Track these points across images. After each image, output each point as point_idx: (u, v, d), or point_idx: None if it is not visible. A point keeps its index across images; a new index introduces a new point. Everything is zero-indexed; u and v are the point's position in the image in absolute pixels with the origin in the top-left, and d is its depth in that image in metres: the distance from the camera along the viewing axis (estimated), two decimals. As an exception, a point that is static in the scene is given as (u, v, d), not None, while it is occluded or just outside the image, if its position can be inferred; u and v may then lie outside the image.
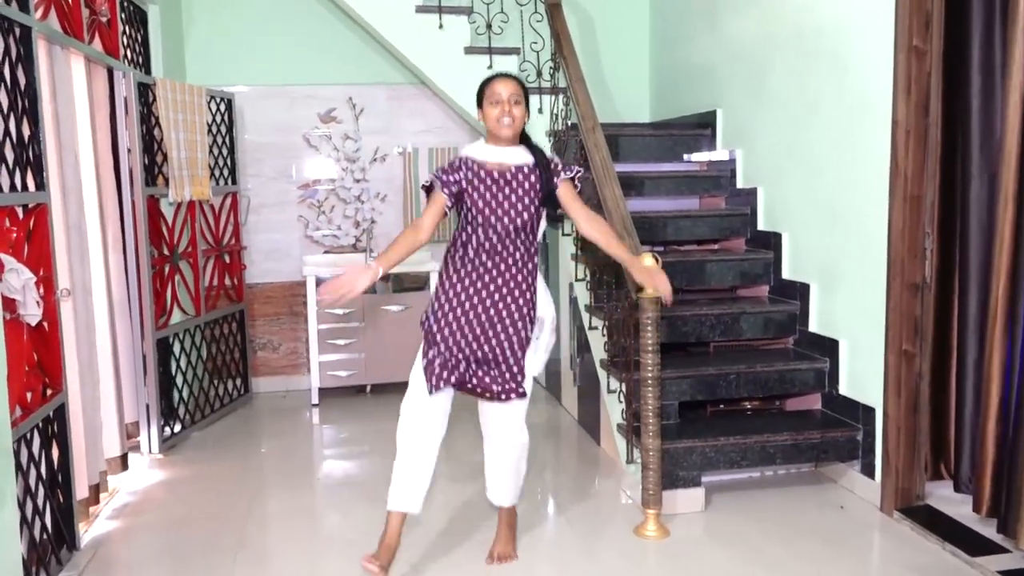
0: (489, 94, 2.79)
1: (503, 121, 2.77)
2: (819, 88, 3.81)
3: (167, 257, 4.42)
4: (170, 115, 4.37)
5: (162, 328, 4.35)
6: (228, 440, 4.61)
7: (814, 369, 3.81)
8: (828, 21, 3.71)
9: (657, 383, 3.24)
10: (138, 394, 4.22)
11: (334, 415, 5.08)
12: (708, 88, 4.91)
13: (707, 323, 4.01)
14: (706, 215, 4.48)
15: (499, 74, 2.87)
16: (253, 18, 5.32)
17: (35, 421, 2.83)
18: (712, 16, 4.81)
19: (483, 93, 2.83)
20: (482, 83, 2.85)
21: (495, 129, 2.80)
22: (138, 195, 4.11)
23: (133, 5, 4.47)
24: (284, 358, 5.56)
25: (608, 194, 3.68)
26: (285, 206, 5.50)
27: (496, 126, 2.79)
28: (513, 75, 2.86)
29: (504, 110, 2.76)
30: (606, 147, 3.88)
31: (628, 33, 5.69)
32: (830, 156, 3.74)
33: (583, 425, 4.58)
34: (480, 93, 2.85)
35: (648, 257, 3.10)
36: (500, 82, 2.80)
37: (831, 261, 3.76)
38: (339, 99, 5.49)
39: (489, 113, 2.79)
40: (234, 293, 5.15)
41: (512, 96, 2.78)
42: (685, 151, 4.97)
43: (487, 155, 2.84)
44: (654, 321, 3.22)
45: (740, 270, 4.26)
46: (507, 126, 2.78)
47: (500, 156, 2.83)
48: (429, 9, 4.68)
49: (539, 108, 4.80)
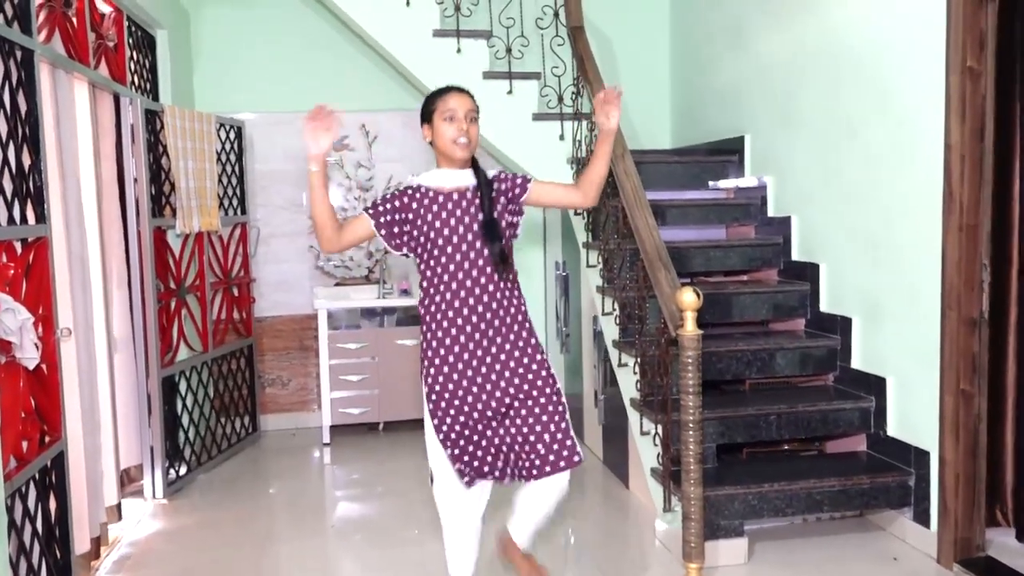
0: (441, 109, 2.45)
1: (459, 141, 2.44)
2: (857, 111, 3.64)
3: (174, 291, 4.23)
4: (178, 143, 4.20)
5: (168, 365, 4.15)
6: (235, 482, 4.39)
7: (859, 408, 3.59)
8: (867, 41, 3.54)
9: (699, 427, 3.01)
10: (142, 436, 4.00)
11: (345, 454, 4.86)
12: (734, 112, 4.73)
13: (742, 359, 3.79)
14: (736, 245, 4.28)
15: (451, 87, 2.51)
16: (263, 43, 5.17)
17: (32, 472, 2.62)
18: (737, 38, 4.65)
19: (433, 108, 2.48)
20: (430, 96, 2.52)
21: (449, 149, 2.45)
22: (144, 226, 3.93)
23: (141, 30, 4.31)
24: (294, 394, 5.34)
25: (640, 223, 3.49)
26: (295, 236, 5.32)
27: (450, 147, 2.44)
28: (467, 89, 2.53)
29: (460, 128, 2.44)
30: (636, 174, 3.69)
31: (648, 57, 5.53)
32: (871, 182, 3.55)
33: (609, 466, 4.35)
34: (429, 108, 2.49)
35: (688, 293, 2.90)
36: (454, 96, 2.46)
37: (875, 293, 3.56)
38: (352, 126, 5.32)
39: (441, 131, 2.45)
40: (243, 327, 4.95)
41: (469, 112, 2.46)
42: (711, 178, 4.79)
43: (442, 180, 2.50)
44: (695, 360, 3.00)
45: (773, 302, 4.06)
46: (463, 146, 2.45)
47: (455, 179, 2.50)
48: (447, 33, 4.52)
49: (560, 135, 4.63)
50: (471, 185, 2.50)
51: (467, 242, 2.46)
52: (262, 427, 5.21)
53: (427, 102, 2.51)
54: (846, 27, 3.69)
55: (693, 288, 2.96)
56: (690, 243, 4.25)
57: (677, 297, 3.00)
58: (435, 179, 2.51)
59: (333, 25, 5.19)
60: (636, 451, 3.81)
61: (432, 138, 2.50)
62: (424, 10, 4.51)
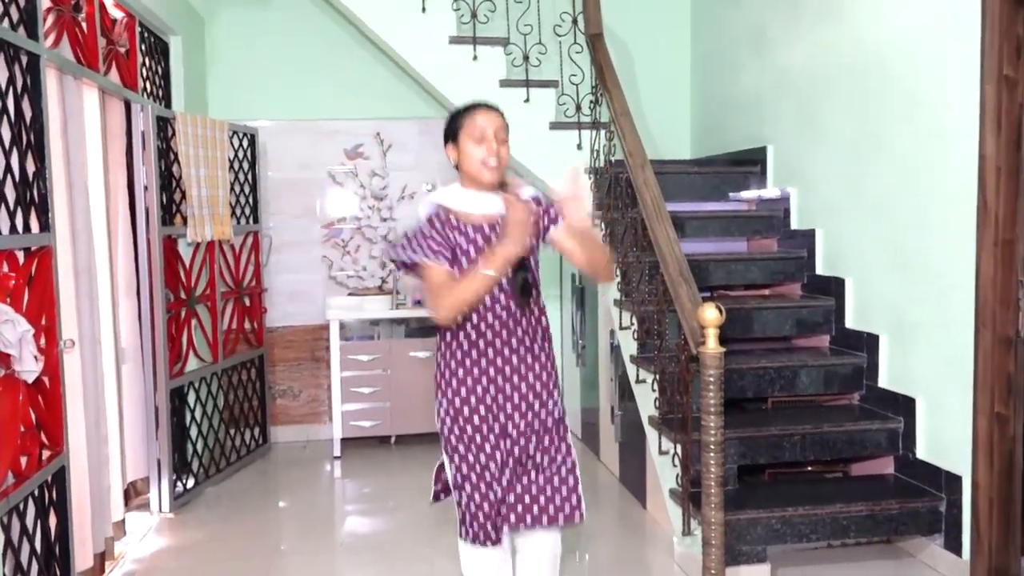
0: (469, 128, 2.26)
1: (489, 162, 2.25)
2: (885, 121, 3.52)
3: (184, 301, 4.16)
4: (190, 151, 4.13)
5: (177, 376, 4.07)
6: (244, 496, 4.30)
7: (886, 429, 3.46)
8: (896, 48, 3.43)
9: (721, 448, 2.90)
10: (149, 449, 3.93)
11: (357, 468, 4.77)
12: (756, 122, 4.62)
13: (765, 377, 3.67)
14: (758, 258, 4.16)
15: (480, 104, 2.32)
16: (278, 50, 5.12)
17: (30, 488, 2.54)
18: (760, 47, 4.54)
19: (459, 126, 2.29)
20: (456, 113, 2.33)
21: (477, 172, 2.26)
22: (154, 235, 3.86)
23: (154, 36, 4.26)
24: (305, 406, 5.26)
25: (660, 235, 3.38)
26: (308, 246, 5.25)
27: (479, 169, 2.26)
28: (496, 106, 2.34)
29: (491, 149, 2.25)
30: (656, 185, 3.59)
31: (667, 65, 5.42)
32: (900, 195, 3.43)
33: (626, 484, 4.23)
34: (454, 126, 2.31)
35: (710, 309, 2.80)
36: (483, 114, 2.28)
37: (904, 310, 3.43)
38: (366, 134, 5.25)
39: (469, 152, 2.26)
40: (254, 338, 4.87)
41: (499, 131, 2.27)
42: (731, 189, 4.68)
43: (469, 204, 2.30)
44: (717, 379, 2.89)
45: (797, 318, 3.93)
46: (493, 169, 2.26)
47: (484, 204, 2.30)
48: (463, 40, 4.44)
49: (578, 144, 4.53)
50: (500, 213, 2.29)
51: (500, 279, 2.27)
52: (272, 439, 5.13)
53: (452, 120, 2.33)
54: (873, 34, 3.58)
55: (715, 304, 2.86)
56: (710, 256, 4.13)
57: (698, 313, 2.90)
58: (462, 203, 2.32)
59: (349, 32, 5.13)
60: (654, 470, 3.69)
61: (458, 160, 2.31)
62: (440, 16, 4.44)
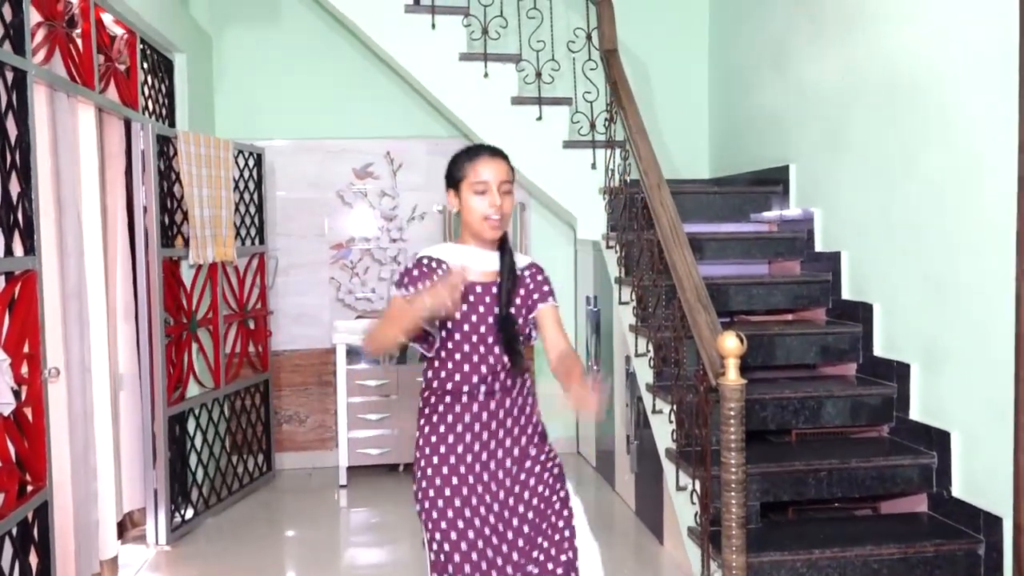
0: (471, 178, 2.02)
1: (491, 218, 2.01)
2: (916, 139, 3.34)
3: (184, 324, 4.03)
4: (192, 170, 4.02)
5: (176, 403, 3.94)
6: (245, 526, 4.15)
7: (919, 465, 3.26)
8: (927, 64, 3.25)
9: (742, 487, 2.71)
10: (146, 478, 3.79)
11: (364, 496, 4.61)
12: (778, 140, 4.45)
13: (789, 408, 3.48)
14: (781, 282, 3.98)
15: (483, 150, 2.08)
16: (287, 69, 5.02)
17: (8, 527, 2.40)
18: (782, 63, 4.38)
19: (461, 175, 2.05)
20: (457, 157, 2.09)
21: (479, 228, 2.03)
22: (153, 257, 3.74)
23: (157, 53, 4.17)
24: (311, 432, 5.11)
25: (678, 259, 3.21)
26: (316, 267, 5.12)
27: (480, 225, 2.02)
28: (501, 151, 2.10)
29: (493, 203, 2.01)
30: (674, 206, 3.42)
31: (685, 82, 5.28)
32: (933, 217, 3.24)
33: (642, 518, 4.04)
34: (456, 174, 2.06)
35: (730, 338, 2.62)
36: (486, 163, 2.03)
37: (937, 338, 3.24)
38: (376, 153, 5.13)
39: (471, 204, 2.02)
40: (258, 362, 4.74)
41: (503, 183, 2.03)
42: (752, 210, 4.50)
43: (468, 261, 2.04)
44: (739, 412, 2.71)
45: (822, 345, 3.74)
46: (496, 224, 2.02)
47: (484, 261, 2.08)
48: (474, 57, 4.31)
49: (592, 163, 4.38)
50: (496, 271, 2.10)
51: (487, 341, 2.05)
52: (277, 466, 4.97)
53: (454, 166, 2.09)
54: (902, 50, 3.41)
55: (736, 333, 2.68)
56: (730, 279, 3.96)
57: (718, 343, 2.72)
58: (458, 258, 2.07)
59: (358, 50, 5.03)
60: (671, 505, 3.50)
61: (459, 209, 2.08)
62: (450, 33, 4.32)
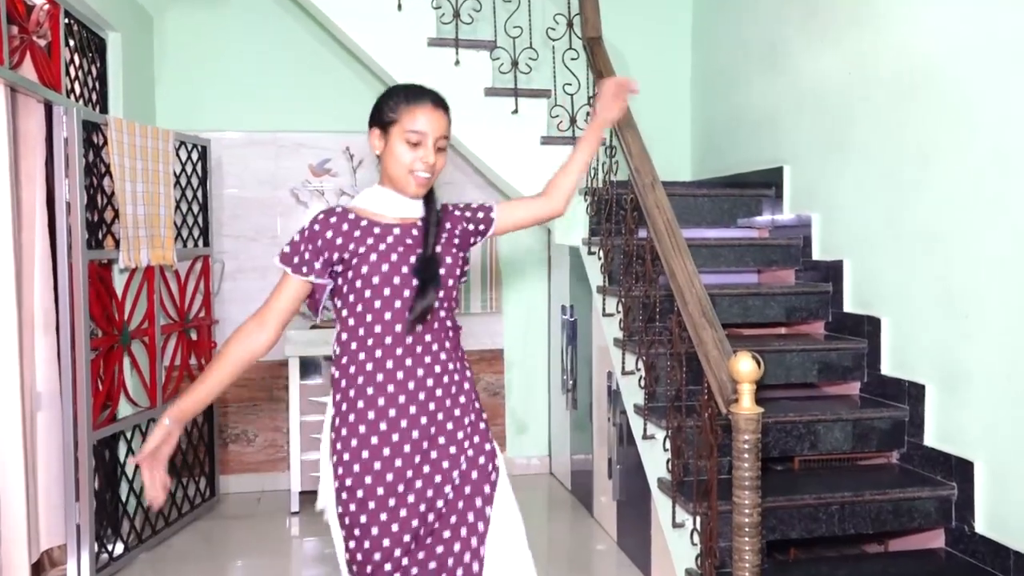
0: (406, 122, 1.83)
1: (418, 174, 1.85)
2: (931, 138, 3.05)
3: (114, 336, 3.57)
4: (125, 162, 3.56)
5: (104, 424, 3.47)
6: (184, 562, 3.69)
7: (937, 497, 2.96)
8: (947, 55, 2.97)
9: (757, 531, 2.37)
10: (67, 511, 3.32)
11: (318, 524, 4.18)
12: (769, 140, 4.15)
13: (793, 432, 3.17)
14: (778, 292, 3.67)
15: (426, 94, 1.87)
16: (237, 54, 4.57)
17: None
18: (774, 57, 4.08)
19: (395, 114, 1.85)
20: (393, 93, 1.88)
21: (402, 181, 1.86)
22: (77, 260, 3.28)
23: (87, 30, 3.70)
24: (260, 452, 4.66)
25: (677, 268, 2.86)
26: (267, 272, 4.67)
27: (405, 178, 1.86)
28: (445, 102, 1.90)
29: (425, 158, 1.84)
30: (670, 208, 3.08)
31: (664, 77, 4.96)
32: (950, 224, 2.95)
33: (626, 550, 3.69)
34: (388, 111, 1.86)
35: (745, 360, 2.29)
36: (427, 112, 1.84)
37: (955, 357, 2.95)
38: (334, 148, 4.71)
39: (398, 153, 1.84)
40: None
41: (440, 138, 1.86)
42: (741, 214, 4.19)
43: (383, 206, 1.90)
44: (753, 445, 2.36)
45: (824, 362, 3.44)
46: (423, 182, 1.87)
47: (402, 208, 1.91)
48: (444, 43, 3.93)
49: (572, 161, 4.02)
50: (418, 217, 1.92)
51: (405, 293, 1.84)
52: (222, 490, 4.52)
53: (386, 104, 1.87)
54: (916, 39, 3.12)
55: (752, 354, 2.35)
56: (718, 289, 3.61)
57: (731, 365, 2.38)
58: (374, 203, 1.91)
59: (315, 34, 4.60)
60: (662, 540, 3.16)
61: (382, 152, 1.88)
62: (418, 15, 3.93)
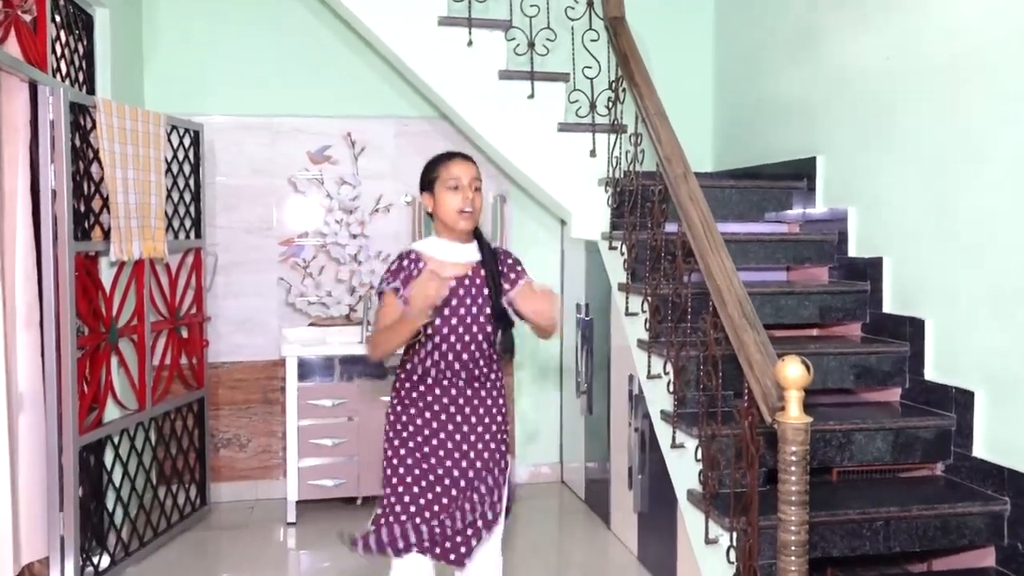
0: (444, 177, 2.36)
1: (464, 211, 2.34)
2: (983, 128, 2.85)
3: (102, 334, 3.33)
4: (115, 148, 3.32)
5: (90, 429, 3.24)
6: (174, 575, 3.47)
7: (988, 513, 2.76)
8: (1002, 37, 2.75)
9: (804, 550, 2.15)
10: (50, 522, 3.09)
11: (315, 536, 3.94)
12: (801, 130, 3.93)
13: (833, 441, 2.95)
14: (813, 292, 3.45)
15: (453, 153, 2.45)
16: (233, 34, 4.32)
17: None
18: (806, 42, 3.86)
19: (434, 176, 2.39)
20: (432, 163, 2.44)
21: (452, 221, 2.36)
22: (63, 252, 3.04)
23: (74, 5, 3.45)
24: (254, 458, 4.42)
25: (714, 265, 2.64)
26: (262, 265, 4.43)
27: (454, 218, 2.35)
28: (470, 156, 2.44)
29: (466, 198, 2.34)
30: (704, 200, 2.86)
31: (685, 62, 4.72)
32: (1004, 220, 2.75)
33: (648, 565, 3.47)
34: (429, 176, 2.41)
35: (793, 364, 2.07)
36: (458, 164, 2.39)
37: (1007, 363, 2.74)
38: (335, 135, 4.47)
39: (445, 201, 2.35)
40: (192, 377, 4.03)
41: (473, 181, 2.37)
42: (771, 208, 3.97)
43: (444, 253, 2.38)
44: (802, 457, 2.14)
45: (864, 366, 3.23)
46: (468, 216, 2.35)
47: (459, 254, 2.39)
48: (456, 22, 3.69)
49: (591, 150, 3.80)
50: (474, 261, 2.41)
51: (464, 326, 2.34)
52: (213, 499, 4.26)
53: (428, 170, 2.43)
54: (963, 25, 2.91)
55: (801, 359, 2.13)
56: (752, 288, 3.39)
57: (777, 371, 2.16)
58: (437, 251, 2.39)
59: (316, 13, 4.36)
60: (692, 557, 2.94)
61: (433, 208, 2.40)
62: (428, -8, 3.69)
